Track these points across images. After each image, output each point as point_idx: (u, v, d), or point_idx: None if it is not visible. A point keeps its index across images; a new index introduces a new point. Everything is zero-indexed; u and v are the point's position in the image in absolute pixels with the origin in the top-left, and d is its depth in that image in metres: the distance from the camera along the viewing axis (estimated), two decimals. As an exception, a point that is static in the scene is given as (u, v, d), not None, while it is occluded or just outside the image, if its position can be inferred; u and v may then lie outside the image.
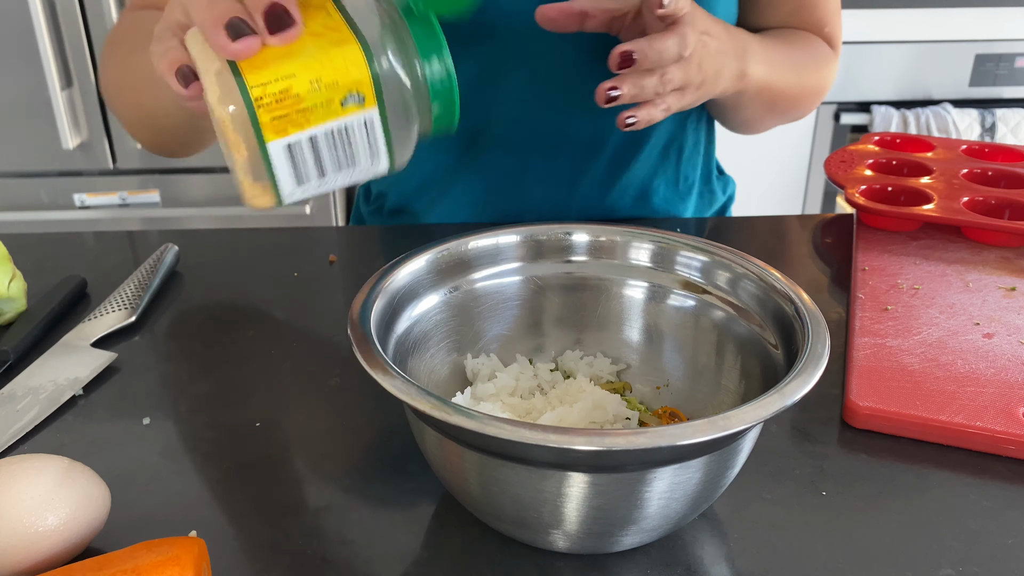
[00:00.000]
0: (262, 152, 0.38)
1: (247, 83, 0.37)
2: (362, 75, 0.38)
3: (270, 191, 0.40)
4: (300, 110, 0.38)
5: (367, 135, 0.40)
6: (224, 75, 0.37)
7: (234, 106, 0.37)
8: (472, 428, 0.36)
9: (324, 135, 0.39)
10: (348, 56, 0.38)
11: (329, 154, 0.39)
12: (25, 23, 1.52)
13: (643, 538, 0.43)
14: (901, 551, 0.45)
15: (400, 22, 0.40)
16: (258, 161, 0.38)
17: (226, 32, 0.37)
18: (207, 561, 0.42)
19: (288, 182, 0.39)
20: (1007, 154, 0.90)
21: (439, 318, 0.52)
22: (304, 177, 0.40)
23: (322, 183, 0.41)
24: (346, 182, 0.41)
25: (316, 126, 0.38)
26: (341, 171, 0.40)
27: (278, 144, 0.38)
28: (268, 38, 0.37)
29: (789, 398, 0.38)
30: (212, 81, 0.37)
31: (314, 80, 0.37)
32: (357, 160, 0.40)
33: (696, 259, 0.53)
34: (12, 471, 0.42)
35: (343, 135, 0.39)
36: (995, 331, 0.62)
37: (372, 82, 0.39)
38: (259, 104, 0.37)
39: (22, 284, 0.66)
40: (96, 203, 1.69)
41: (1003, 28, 1.82)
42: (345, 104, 0.38)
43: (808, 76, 0.79)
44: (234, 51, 0.37)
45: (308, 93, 0.38)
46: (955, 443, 0.52)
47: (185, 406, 0.57)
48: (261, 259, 0.78)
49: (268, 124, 0.37)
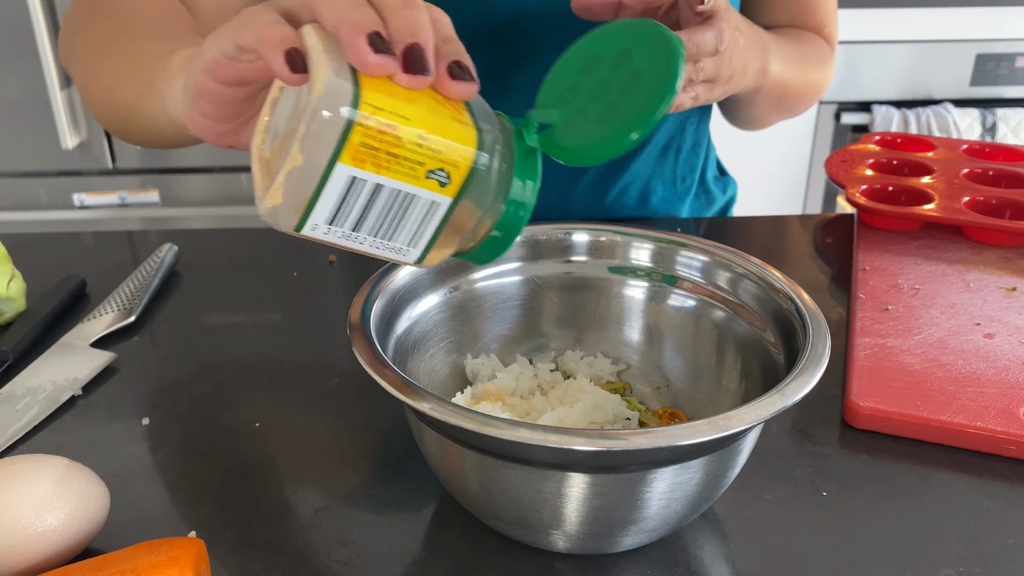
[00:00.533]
0: (325, 170, 0.35)
1: (363, 97, 0.34)
2: (463, 160, 0.36)
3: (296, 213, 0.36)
4: (390, 154, 0.35)
5: (423, 218, 0.37)
6: (340, 78, 0.34)
7: (330, 112, 0.34)
8: (472, 428, 0.36)
9: (390, 191, 0.36)
10: (462, 135, 0.36)
11: (379, 213, 0.36)
12: (24, 23, 1.52)
13: (643, 538, 0.43)
14: (901, 551, 0.45)
15: (510, 142, 0.38)
16: (310, 177, 0.35)
17: (367, 41, 0.35)
18: (206, 561, 0.41)
19: (322, 214, 0.36)
20: (1008, 154, 0.90)
21: (439, 318, 0.52)
22: (340, 219, 0.36)
23: (348, 236, 0.37)
24: (368, 250, 0.38)
25: (391, 178, 0.35)
26: (375, 237, 0.37)
27: (345, 171, 0.35)
28: (399, 74, 0.35)
29: (789, 398, 0.38)
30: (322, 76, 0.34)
31: (421, 135, 0.35)
32: (396, 236, 0.38)
33: (696, 259, 0.53)
34: (12, 471, 0.42)
35: (404, 204, 0.36)
36: (996, 331, 0.62)
37: (467, 172, 0.36)
38: (360, 123, 0.34)
39: (21, 284, 0.66)
40: (95, 203, 1.69)
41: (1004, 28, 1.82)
42: (429, 176, 0.36)
43: (813, 74, 0.80)
44: (369, 62, 0.34)
45: (408, 143, 0.35)
46: (956, 443, 0.52)
47: (184, 406, 0.57)
48: (261, 259, 0.78)
49: (353, 146, 0.34)
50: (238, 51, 0.39)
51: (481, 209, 0.38)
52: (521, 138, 0.39)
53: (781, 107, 0.81)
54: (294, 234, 0.37)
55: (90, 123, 1.63)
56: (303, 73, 0.35)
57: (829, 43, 0.84)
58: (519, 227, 0.39)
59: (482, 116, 0.38)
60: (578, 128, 0.39)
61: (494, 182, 0.38)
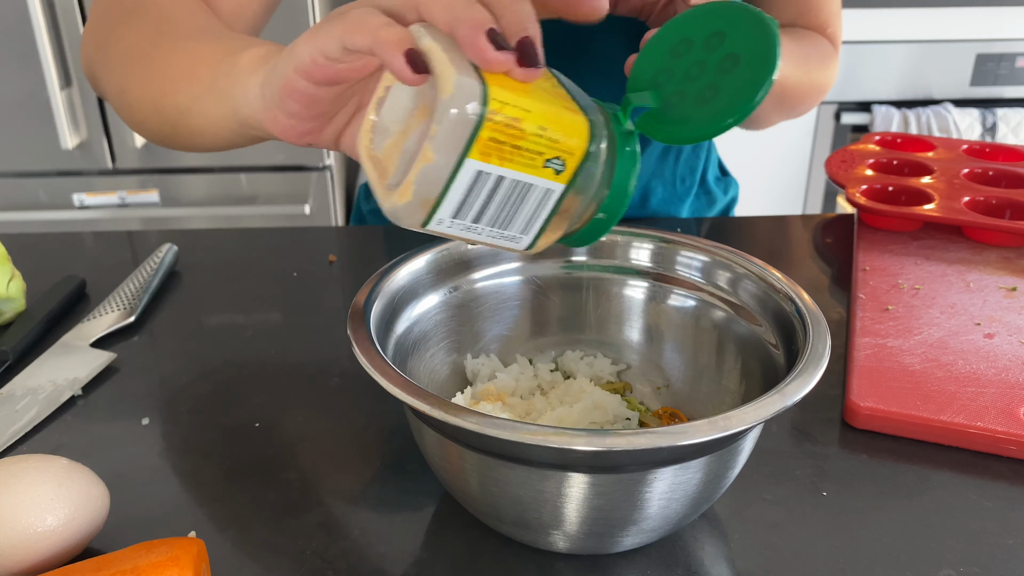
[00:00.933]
0: (455, 166, 0.36)
1: (490, 94, 0.35)
2: (578, 148, 0.37)
3: (424, 209, 0.37)
4: (514, 146, 0.36)
5: (537, 206, 0.39)
6: (468, 77, 0.35)
7: (462, 110, 0.35)
8: (472, 428, 0.36)
9: (511, 182, 0.37)
10: (576, 124, 0.37)
11: (499, 204, 0.38)
12: (24, 23, 1.52)
13: (643, 539, 0.43)
14: (901, 551, 0.45)
15: (610, 126, 0.39)
16: (440, 174, 0.36)
17: (488, 38, 0.35)
18: (206, 561, 0.41)
19: (448, 209, 0.37)
20: (1008, 154, 0.90)
21: (439, 318, 0.52)
22: (464, 212, 0.38)
23: (468, 228, 0.39)
24: (483, 239, 0.40)
25: (513, 169, 0.37)
26: (492, 227, 0.39)
27: (474, 165, 0.36)
28: (515, 68, 0.36)
29: (790, 398, 0.38)
30: (451, 75, 0.35)
31: (541, 127, 0.36)
32: (512, 224, 0.39)
33: (696, 259, 0.53)
34: (11, 471, 0.42)
35: (522, 193, 0.38)
36: (996, 331, 0.62)
37: (580, 160, 0.38)
38: (490, 119, 0.35)
39: (21, 284, 0.66)
40: (95, 203, 1.69)
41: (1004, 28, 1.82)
42: (547, 165, 0.37)
43: (815, 73, 0.80)
44: (492, 59, 0.35)
45: (531, 135, 0.36)
46: (956, 443, 0.52)
47: (184, 406, 0.57)
48: (261, 259, 0.78)
49: (482, 141, 0.35)
50: (343, 52, 0.39)
51: (589, 193, 0.40)
52: (618, 122, 0.40)
53: (783, 107, 0.81)
54: (419, 229, 0.38)
55: (90, 123, 1.63)
56: (424, 73, 0.36)
57: (832, 43, 0.84)
58: (622, 208, 0.40)
59: (585, 104, 0.39)
60: (677, 109, 0.40)
61: (601, 166, 0.39)
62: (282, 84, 0.42)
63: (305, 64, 0.40)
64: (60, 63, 1.57)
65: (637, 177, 0.40)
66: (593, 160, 0.38)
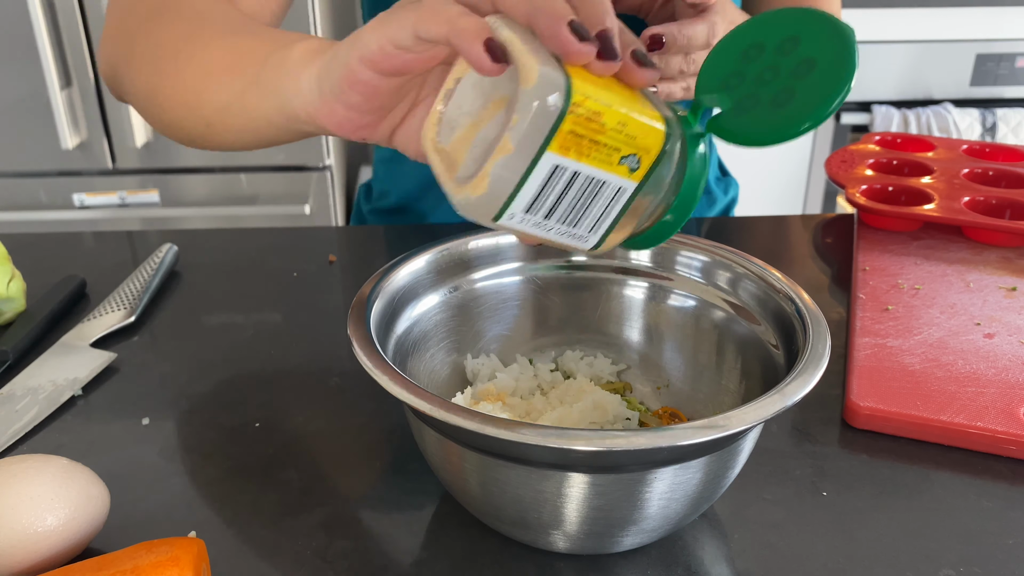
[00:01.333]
0: (534, 158, 0.35)
1: (574, 86, 0.34)
2: (655, 145, 0.37)
3: (497, 203, 0.36)
4: (593, 140, 0.35)
5: (608, 203, 0.38)
6: (551, 68, 0.34)
7: (546, 101, 0.34)
8: (472, 428, 0.36)
9: (585, 178, 0.36)
10: (653, 122, 0.37)
11: (571, 200, 0.37)
12: (24, 23, 1.52)
13: (643, 539, 0.43)
14: (901, 551, 0.45)
15: (682, 128, 0.39)
16: (518, 166, 0.35)
17: (570, 29, 0.35)
18: (206, 561, 0.41)
19: (522, 203, 0.36)
20: (1008, 154, 0.90)
21: (439, 318, 0.52)
22: (537, 208, 0.37)
23: (538, 225, 0.38)
24: (551, 237, 0.39)
25: (590, 165, 0.36)
26: (562, 224, 0.38)
27: (551, 158, 0.35)
28: (594, 61, 0.36)
29: (790, 398, 0.38)
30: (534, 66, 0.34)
31: (622, 122, 0.36)
32: (582, 222, 0.38)
33: (696, 259, 0.53)
34: (12, 471, 0.42)
35: (595, 189, 0.37)
36: (996, 331, 0.62)
37: (655, 157, 0.37)
38: (572, 111, 0.34)
39: (21, 284, 0.66)
40: (95, 203, 1.69)
41: (1004, 28, 1.82)
42: (622, 162, 0.37)
43: None
44: (575, 51, 0.35)
45: (610, 130, 0.36)
46: (956, 443, 0.52)
47: (185, 406, 0.57)
48: (261, 259, 0.78)
49: (563, 135, 0.35)
50: (416, 42, 0.38)
51: (658, 194, 0.39)
52: (688, 124, 0.39)
53: None
54: (490, 224, 0.37)
55: (90, 123, 1.63)
56: (504, 63, 0.35)
57: None
58: (690, 211, 0.40)
59: (658, 103, 0.38)
60: (751, 112, 0.39)
61: (672, 167, 0.39)
62: (344, 74, 0.41)
63: (373, 53, 0.39)
64: (60, 63, 1.57)
65: (706, 179, 0.40)
66: (667, 160, 0.38)
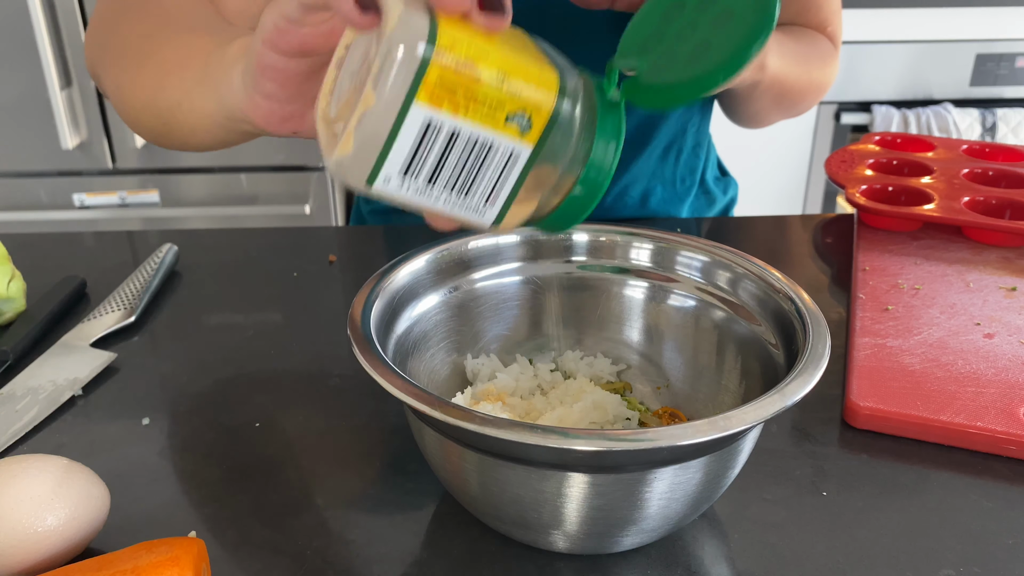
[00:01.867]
0: (400, 111, 0.32)
1: (439, 33, 0.32)
2: (545, 103, 0.34)
3: (368, 162, 0.33)
4: (468, 94, 0.32)
5: (502, 170, 0.35)
6: (417, 13, 0.32)
7: (406, 46, 0.31)
8: (472, 428, 0.36)
9: (468, 137, 0.33)
10: (543, 78, 0.34)
11: (455, 162, 0.34)
12: (24, 23, 1.52)
13: (643, 539, 0.43)
14: (901, 551, 0.45)
15: (591, 95, 0.36)
16: (384, 119, 0.32)
17: None
18: (206, 561, 0.41)
19: (396, 163, 0.33)
20: (1008, 154, 0.90)
21: (439, 318, 0.52)
22: (415, 169, 0.34)
23: (422, 191, 0.35)
24: (443, 209, 0.36)
25: (469, 121, 0.33)
26: (450, 191, 0.35)
27: (422, 111, 0.32)
28: (476, 13, 0.33)
29: (790, 398, 0.38)
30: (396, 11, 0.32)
31: (501, 75, 0.33)
32: (472, 191, 0.35)
33: (696, 259, 0.53)
34: (11, 471, 0.42)
35: (482, 151, 0.34)
36: (996, 331, 0.62)
37: (549, 116, 0.34)
38: (437, 59, 0.32)
39: (21, 284, 0.66)
40: (95, 203, 1.69)
41: (1004, 28, 1.82)
42: (509, 121, 0.34)
43: (815, 72, 0.80)
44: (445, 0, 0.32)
45: (488, 82, 0.33)
46: (956, 443, 0.52)
47: (185, 406, 0.57)
48: (261, 259, 0.78)
49: (430, 84, 0.32)
50: (302, 10, 0.37)
51: (562, 165, 0.36)
52: (602, 92, 0.37)
53: (782, 104, 0.81)
54: (366, 190, 0.35)
55: (90, 123, 1.63)
56: (374, 14, 0.33)
57: (833, 42, 0.84)
58: (601, 186, 0.37)
59: (562, 63, 0.36)
60: (667, 71, 0.37)
61: (576, 135, 0.36)
62: (255, 62, 0.40)
63: (270, 33, 0.39)
64: (60, 63, 1.57)
65: (619, 152, 0.37)
66: (566, 122, 0.35)
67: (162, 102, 0.55)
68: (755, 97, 0.76)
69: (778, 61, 0.71)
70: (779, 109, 0.82)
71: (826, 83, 0.84)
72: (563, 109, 0.34)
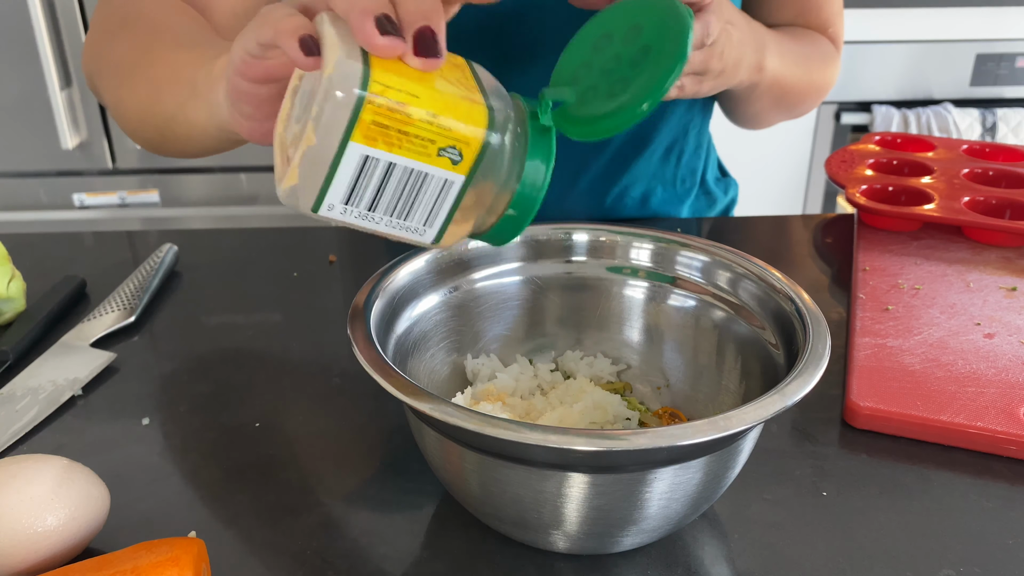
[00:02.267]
0: (338, 149, 0.35)
1: (372, 76, 0.35)
2: (475, 138, 0.36)
3: (312, 193, 0.37)
4: (401, 132, 0.35)
5: (437, 197, 0.38)
6: (351, 59, 0.35)
7: (342, 92, 0.34)
8: (472, 428, 0.36)
9: (403, 169, 0.36)
10: (473, 114, 0.37)
11: (393, 192, 0.37)
12: (24, 23, 1.52)
13: (643, 539, 0.43)
14: (901, 551, 0.45)
15: (524, 122, 0.39)
16: (324, 156, 0.35)
17: (375, 24, 0.35)
18: (206, 561, 0.41)
19: (337, 194, 0.37)
20: (1008, 154, 0.90)
21: (439, 318, 0.52)
22: (355, 199, 0.37)
23: (365, 217, 0.38)
24: (385, 231, 0.39)
25: (403, 156, 0.36)
26: (391, 216, 0.38)
27: (358, 149, 0.35)
28: (410, 56, 0.36)
29: (790, 398, 0.38)
30: (333, 57, 0.35)
31: (431, 114, 0.36)
32: (411, 216, 0.38)
33: (696, 259, 0.53)
34: (11, 471, 0.42)
35: (417, 182, 0.37)
36: (996, 331, 0.62)
37: (478, 150, 0.37)
38: (370, 101, 0.35)
39: (21, 284, 0.66)
40: (95, 203, 1.69)
41: (1004, 28, 1.82)
42: (441, 154, 0.36)
43: (815, 73, 0.80)
44: (378, 45, 0.35)
45: (418, 121, 0.35)
46: (956, 443, 0.52)
47: (185, 406, 0.57)
48: (261, 259, 0.78)
49: (364, 124, 0.35)
50: (260, 48, 0.40)
51: (496, 188, 0.39)
52: (536, 118, 0.39)
53: (782, 106, 0.81)
54: (312, 215, 0.37)
55: (90, 123, 1.63)
56: (316, 56, 0.36)
57: (834, 43, 0.84)
58: (533, 206, 0.39)
59: (495, 96, 0.38)
60: (590, 104, 0.39)
61: (507, 160, 0.38)
62: (229, 87, 0.44)
63: (238, 64, 0.42)
64: (60, 63, 1.57)
65: (550, 173, 0.39)
66: (496, 152, 0.37)
67: (158, 115, 0.58)
68: (754, 98, 0.76)
69: (777, 62, 0.71)
70: (779, 110, 0.82)
71: (827, 84, 0.83)
72: (492, 141, 0.37)
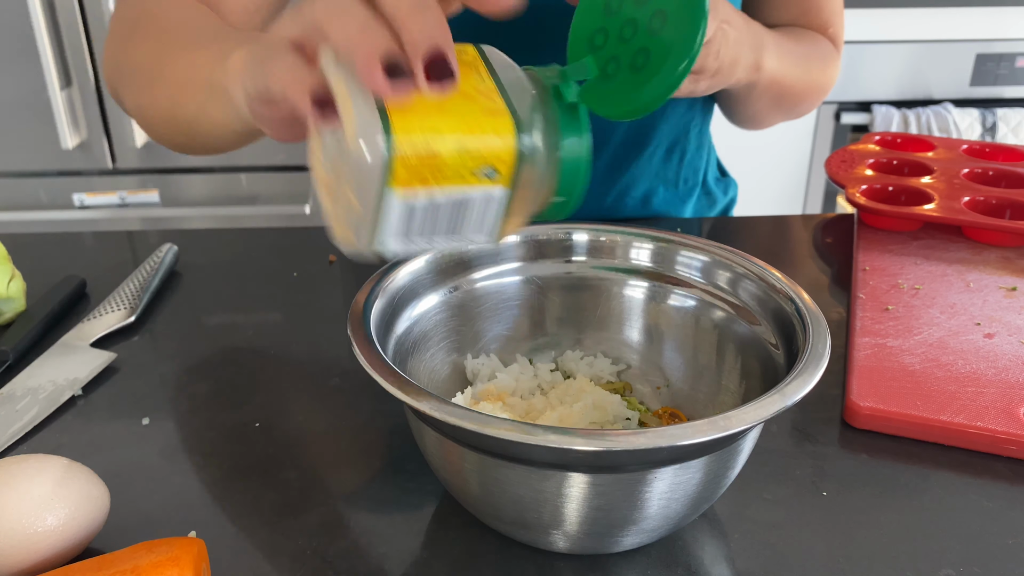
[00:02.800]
0: (376, 203, 0.35)
1: (393, 127, 0.34)
2: (506, 152, 0.36)
3: (364, 241, 0.37)
4: (434, 169, 0.35)
5: (483, 210, 0.37)
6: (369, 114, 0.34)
7: (371, 156, 0.34)
8: (472, 428, 0.36)
9: (446, 198, 0.36)
10: (498, 128, 0.35)
11: (442, 217, 0.37)
12: (24, 23, 1.52)
13: (643, 538, 0.43)
14: (901, 551, 0.45)
15: (548, 103, 0.38)
16: (366, 211, 0.36)
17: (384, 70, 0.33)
18: (206, 561, 0.41)
19: (389, 234, 0.37)
20: (1008, 154, 0.90)
21: (439, 318, 0.52)
22: (409, 235, 0.37)
23: (418, 243, 0.38)
24: (447, 247, 0.41)
25: (442, 187, 0.35)
26: (443, 236, 0.38)
27: (397, 197, 0.35)
28: (424, 86, 0.34)
29: (790, 398, 0.38)
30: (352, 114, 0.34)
31: (458, 143, 0.35)
32: (463, 230, 0.38)
33: (696, 259, 0.53)
34: (11, 471, 0.42)
35: (461, 203, 0.36)
36: (996, 331, 0.62)
37: (513, 161, 0.36)
38: (397, 151, 0.34)
39: (21, 284, 0.66)
40: (95, 203, 1.69)
41: (1004, 28, 1.82)
42: (477, 174, 0.36)
43: (815, 73, 0.80)
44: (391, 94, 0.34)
45: (448, 154, 0.35)
46: (956, 443, 0.52)
47: (185, 406, 0.57)
48: (261, 259, 0.78)
49: (398, 176, 0.34)
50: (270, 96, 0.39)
51: (539, 180, 0.38)
52: (559, 96, 0.38)
53: (781, 106, 0.81)
54: (371, 254, 0.38)
55: (90, 123, 1.63)
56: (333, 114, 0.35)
57: (834, 43, 0.84)
58: (581, 185, 0.39)
59: (516, 94, 0.37)
60: (614, 80, 0.38)
61: (544, 152, 0.37)
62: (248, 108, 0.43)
63: (252, 100, 0.41)
64: (60, 63, 1.57)
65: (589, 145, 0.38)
66: (530, 153, 0.36)
67: (180, 118, 0.58)
68: (753, 98, 0.76)
69: (776, 62, 0.71)
70: (778, 110, 0.82)
71: (827, 85, 0.83)
72: (523, 147, 0.36)
